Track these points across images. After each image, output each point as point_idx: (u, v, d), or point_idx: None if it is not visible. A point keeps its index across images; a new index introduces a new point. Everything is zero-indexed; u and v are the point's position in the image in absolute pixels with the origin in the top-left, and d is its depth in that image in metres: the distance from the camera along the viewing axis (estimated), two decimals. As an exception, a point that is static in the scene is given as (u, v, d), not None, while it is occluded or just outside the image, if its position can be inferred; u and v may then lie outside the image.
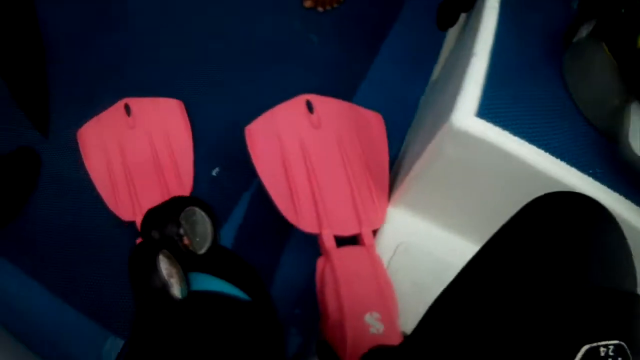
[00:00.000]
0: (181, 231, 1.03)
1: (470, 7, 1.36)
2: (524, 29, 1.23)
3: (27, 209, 1.51)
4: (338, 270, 1.25)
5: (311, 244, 1.36)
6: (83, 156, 1.52)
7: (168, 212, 1.06)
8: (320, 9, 1.90)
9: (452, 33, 1.61)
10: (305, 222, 1.35)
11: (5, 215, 1.47)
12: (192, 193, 1.49)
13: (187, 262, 1.01)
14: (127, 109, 1.57)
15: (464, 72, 1.14)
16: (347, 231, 1.33)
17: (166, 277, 0.91)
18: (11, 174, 1.50)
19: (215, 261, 1.12)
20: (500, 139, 1.07)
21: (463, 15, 1.45)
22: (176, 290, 0.93)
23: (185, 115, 1.60)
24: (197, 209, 1.11)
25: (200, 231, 1.09)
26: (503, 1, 1.23)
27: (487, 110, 1.09)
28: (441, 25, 1.45)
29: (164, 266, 0.93)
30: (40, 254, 1.47)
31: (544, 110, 1.13)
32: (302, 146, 1.45)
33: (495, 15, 1.21)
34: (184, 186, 1.49)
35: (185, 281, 0.97)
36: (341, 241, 1.31)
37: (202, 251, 1.09)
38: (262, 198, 1.43)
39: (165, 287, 0.91)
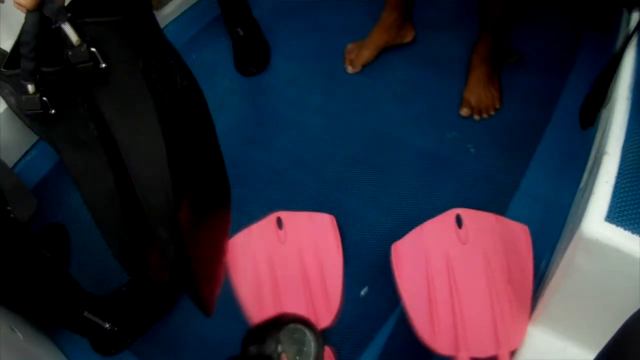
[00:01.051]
0: (279, 349, 1.02)
1: (607, 99, 1.24)
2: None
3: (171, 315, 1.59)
4: (471, 396, 1.14)
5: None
6: (230, 267, 1.52)
7: (270, 328, 1.05)
8: (476, 117, 1.86)
9: (598, 134, 1.46)
10: (441, 344, 1.26)
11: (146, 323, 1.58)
12: (338, 312, 1.47)
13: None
14: (279, 222, 1.58)
15: (597, 173, 1.04)
16: (484, 352, 1.22)
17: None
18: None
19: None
20: (631, 245, 0.94)
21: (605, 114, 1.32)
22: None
23: (337, 231, 1.57)
24: (305, 329, 1.08)
25: (305, 352, 1.06)
26: (636, 89, 1.11)
27: (618, 213, 0.97)
28: (583, 124, 1.33)
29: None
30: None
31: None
32: (447, 263, 1.38)
33: (626, 106, 1.09)
34: (330, 305, 1.46)
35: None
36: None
37: (303, 373, 1.06)
38: (406, 323, 1.37)
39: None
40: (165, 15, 2.34)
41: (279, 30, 2.27)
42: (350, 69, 2.08)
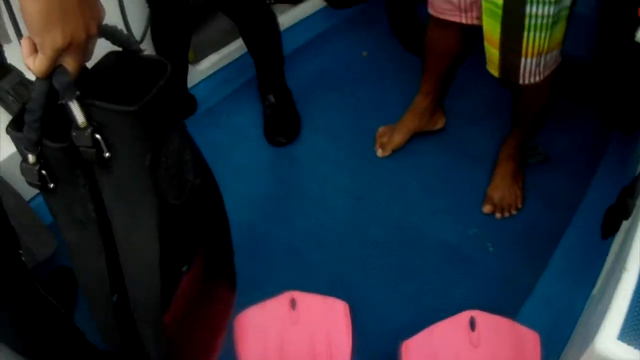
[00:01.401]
0: None
1: (629, 213, 1.23)
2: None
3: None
4: None
5: None
6: (237, 340, 1.49)
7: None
8: (498, 215, 1.86)
9: (616, 243, 1.45)
10: None
11: None
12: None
13: None
14: (293, 302, 1.56)
15: (614, 289, 1.03)
16: None
17: None
18: None
19: None
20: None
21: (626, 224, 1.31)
22: None
23: (349, 320, 1.54)
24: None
25: None
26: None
27: (632, 332, 0.96)
28: (604, 234, 1.32)
29: None
30: None
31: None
32: (457, 367, 1.37)
33: (650, 222, 1.09)
34: (335, 394, 1.45)
35: None
36: None
37: None
38: None
39: None
40: (200, 71, 2.34)
41: (311, 102, 2.28)
42: (380, 152, 2.09)
